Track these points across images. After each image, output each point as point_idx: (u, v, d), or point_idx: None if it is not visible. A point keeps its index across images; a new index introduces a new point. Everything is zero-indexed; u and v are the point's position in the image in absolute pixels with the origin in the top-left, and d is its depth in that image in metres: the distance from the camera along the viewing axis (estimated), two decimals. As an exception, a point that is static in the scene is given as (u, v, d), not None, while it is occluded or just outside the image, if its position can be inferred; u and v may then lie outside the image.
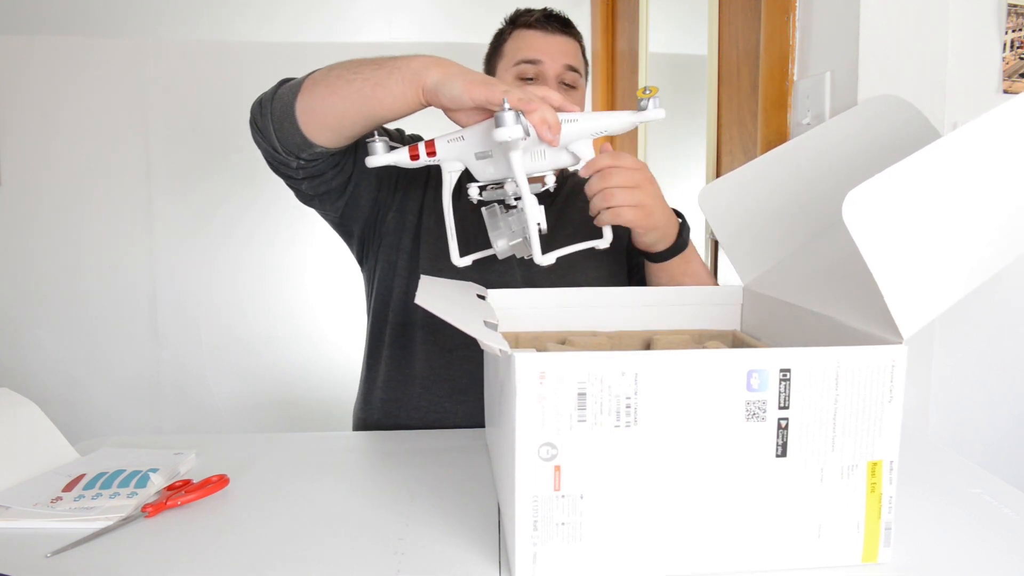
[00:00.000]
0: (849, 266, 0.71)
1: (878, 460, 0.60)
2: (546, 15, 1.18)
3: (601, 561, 0.59)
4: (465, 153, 0.88)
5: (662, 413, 0.58)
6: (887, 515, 0.61)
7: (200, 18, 2.55)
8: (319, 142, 0.96)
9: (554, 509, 0.58)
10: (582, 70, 1.19)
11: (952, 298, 0.62)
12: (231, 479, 0.82)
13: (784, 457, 0.59)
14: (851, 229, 0.58)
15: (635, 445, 0.58)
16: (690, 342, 0.91)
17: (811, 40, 1.13)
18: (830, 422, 0.59)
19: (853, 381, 0.59)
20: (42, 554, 0.66)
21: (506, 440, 0.63)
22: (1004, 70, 1.09)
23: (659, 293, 0.95)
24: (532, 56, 1.14)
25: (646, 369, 0.57)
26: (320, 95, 0.93)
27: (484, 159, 0.88)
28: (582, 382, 0.57)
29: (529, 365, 0.56)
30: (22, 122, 2.52)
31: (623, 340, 0.92)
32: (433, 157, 0.88)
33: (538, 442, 0.57)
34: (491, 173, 0.89)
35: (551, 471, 0.58)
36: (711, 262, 1.68)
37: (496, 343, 0.61)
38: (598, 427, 0.57)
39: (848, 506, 0.61)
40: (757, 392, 0.58)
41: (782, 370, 0.58)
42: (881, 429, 0.60)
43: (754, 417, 0.58)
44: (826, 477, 0.60)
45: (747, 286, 0.94)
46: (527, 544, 0.59)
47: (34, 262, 2.57)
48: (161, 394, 2.67)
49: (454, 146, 0.88)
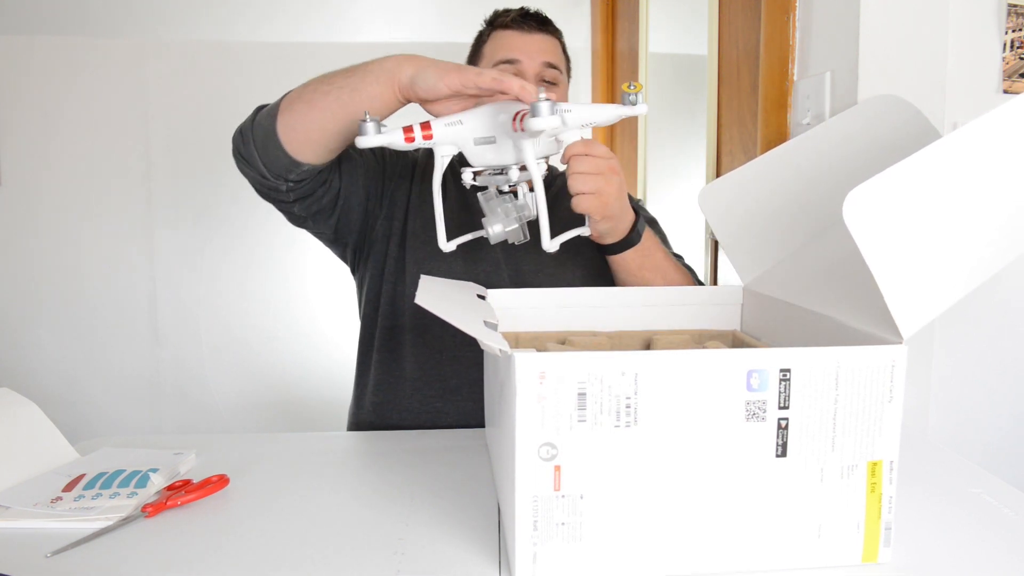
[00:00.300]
0: (849, 266, 0.71)
1: (878, 460, 0.60)
2: (522, 14, 1.17)
3: (601, 561, 0.59)
4: (462, 138, 0.88)
5: (662, 413, 0.58)
6: (887, 515, 0.61)
7: (200, 18, 2.55)
8: (306, 160, 0.97)
9: (554, 509, 0.58)
10: (563, 67, 1.18)
11: (952, 298, 0.62)
12: (231, 479, 0.82)
13: (784, 457, 0.59)
14: (851, 229, 0.58)
15: (635, 445, 0.58)
16: (690, 342, 0.91)
17: (811, 40, 1.13)
18: (830, 422, 0.59)
19: (853, 381, 0.59)
20: (42, 554, 0.66)
21: (506, 440, 0.63)
22: (1004, 70, 1.09)
23: (659, 293, 0.95)
24: (510, 56, 1.13)
25: (646, 369, 0.57)
26: (300, 112, 0.94)
27: (484, 144, 0.88)
28: (582, 382, 0.57)
29: (529, 365, 0.56)
30: (22, 122, 2.52)
31: (623, 340, 0.92)
32: (429, 140, 0.87)
33: (538, 442, 0.57)
34: (490, 159, 0.89)
35: (551, 471, 0.58)
36: (711, 262, 1.68)
37: (496, 343, 0.61)
38: (598, 427, 0.57)
39: (848, 506, 0.61)
40: (757, 392, 0.58)
41: (782, 370, 0.58)
42: (881, 429, 0.60)
43: (754, 417, 0.58)
44: (826, 477, 0.60)
45: (747, 286, 0.94)
46: (527, 544, 0.59)
47: (34, 262, 2.57)
48: (161, 394, 2.67)
49: (451, 130, 0.87)
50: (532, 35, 1.15)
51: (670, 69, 2.14)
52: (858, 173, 0.82)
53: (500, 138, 0.87)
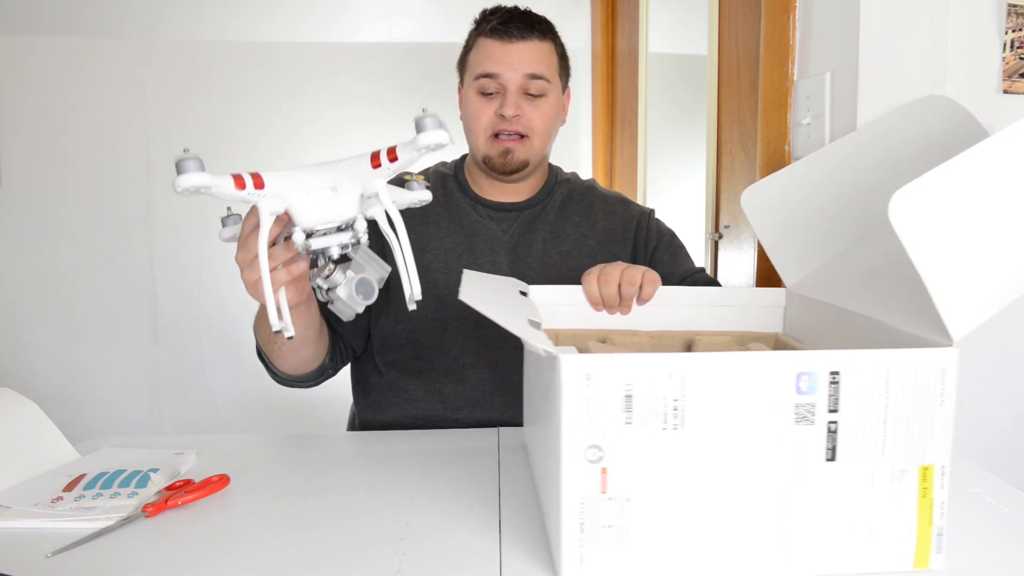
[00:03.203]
0: (896, 268, 0.70)
1: (929, 465, 0.59)
2: (505, 19, 1.08)
3: (648, 564, 0.59)
4: (298, 189, 0.73)
5: (710, 416, 0.57)
6: (939, 520, 0.60)
7: (200, 18, 2.55)
8: (316, 367, 1.06)
9: (601, 511, 0.58)
10: (551, 74, 1.10)
11: (1005, 299, 0.61)
12: (231, 479, 0.82)
13: (833, 461, 0.58)
14: (897, 230, 0.57)
15: (682, 448, 0.57)
16: (732, 344, 0.90)
17: (811, 40, 1.13)
18: (880, 426, 0.58)
19: (904, 384, 0.58)
20: (42, 554, 0.66)
21: (551, 441, 0.62)
22: (1004, 70, 1.09)
23: (701, 294, 0.94)
24: (489, 70, 1.07)
25: (693, 371, 0.56)
26: (282, 362, 1.02)
27: (324, 194, 0.73)
28: (628, 384, 0.56)
29: (575, 366, 0.55)
30: (22, 122, 2.52)
31: (664, 340, 0.91)
32: (261, 189, 0.72)
33: (584, 444, 0.57)
34: (330, 213, 0.74)
35: (598, 473, 0.57)
36: (711, 262, 1.68)
37: (540, 343, 0.60)
38: (645, 429, 0.57)
39: (899, 511, 0.60)
40: (806, 395, 0.57)
41: (831, 373, 0.57)
42: (932, 433, 0.59)
43: (803, 420, 0.58)
44: (877, 482, 0.59)
45: (790, 288, 0.93)
46: (574, 546, 0.58)
47: (34, 262, 2.57)
48: (161, 394, 2.67)
49: (285, 181, 0.73)
50: (514, 44, 1.07)
51: (670, 69, 2.14)
52: (902, 175, 0.80)
53: (343, 185, 0.74)
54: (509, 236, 1.14)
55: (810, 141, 1.10)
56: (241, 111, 2.53)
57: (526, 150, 1.11)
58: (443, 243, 1.13)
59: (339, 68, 2.52)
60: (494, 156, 1.11)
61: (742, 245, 1.51)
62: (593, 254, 1.15)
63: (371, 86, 2.54)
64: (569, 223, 1.17)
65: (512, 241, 1.14)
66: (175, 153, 0.71)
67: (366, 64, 2.54)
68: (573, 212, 1.18)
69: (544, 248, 1.14)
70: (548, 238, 1.15)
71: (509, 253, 1.13)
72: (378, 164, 0.74)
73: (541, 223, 1.16)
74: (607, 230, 1.17)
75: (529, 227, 1.15)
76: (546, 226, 1.16)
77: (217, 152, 2.55)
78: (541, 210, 1.17)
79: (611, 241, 1.16)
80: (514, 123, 1.09)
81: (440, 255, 1.12)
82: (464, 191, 1.17)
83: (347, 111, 2.53)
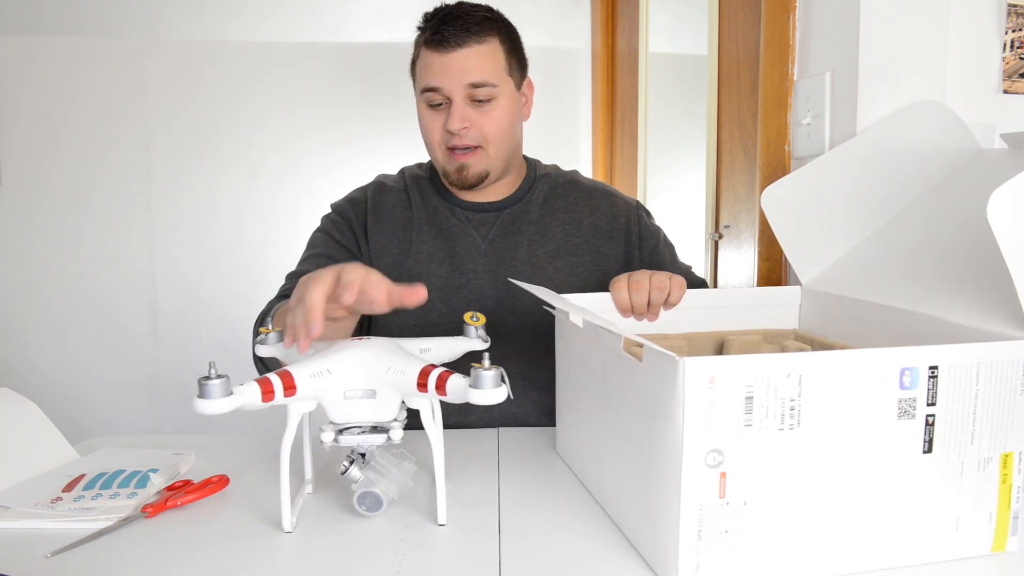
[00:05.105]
0: (925, 261, 0.76)
1: (1010, 452, 0.62)
2: (439, 26, 1.03)
3: (759, 566, 0.59)
4: (331, 391, 0.71)
5: (823, 414, 0.58)
6: (1016, 504, 0.63)
7: (200, 18, 2.55)
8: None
9: (718, 517, 0.58)
10: (496, 78, 1.05)
11: None
12: (231, 479, 0.82)
13: (930, 453, 0.60)
14: (994, 228, 0.60)
15: (797, 447, 0.58)
16: (762, 343, 0.92)
17: (811, 40, 1.12)
18: (970, 416, 0.61)
19: (992, 376, 0.61)
20: (42, 554, 0.66)
21: (659, 446, 0.60)
22: (1004, 70, 1.09)
23: (725, 295, 0.96)
24: (431, 84, 1.04)
25: (810, 370, 0.57)
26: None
27: (359, 399, 0.70)
28: (750, 385, 0.56)
29: (699, 370, 0.55)
30: (22, 122, 2.52)
31: (697, 342, 0.92)
32: (292, 396, 0.70)
33: (705, 449, 0.56)
34: (365, 415, 0.71)
35: (717, 478, 0.57)
36: (711, 262, 1.68)
37: (653, 344, 0.60)
38: (764, 431, 0.57)
39: (983, 498, 0.62)
40: (909, 390, 0.59)
41: (931, 367, 0.59)
42: (1013, 422, 0.62)
43: (905, 414, 0.59)
44: (966, 471, 0.61)
45: (807, 285, 0.96)
46: (691, 554, 0.58)
47: (34, 262, 2.57)
48: (161, 394, 2.67)
49: (317, 382, 0.70)
50: (452, 54, 1.02)
51: (670, 69, 2.14)
52: (903, 177, 0.90)
53: (383, 392, 0.70)
54: (490, 239, 1.13)
55: (810, 141, 1.10)
56: (241, 111, 2.53)
57: (481, 161, 1.08)
58: (424, 247, 1.12)
59: (339, 68, 2.52)
60: (451, 172, 1.09)
61: (742, 245, 1.51)
62: (581, 252, 1.14)
63: (371, 86, 2.54)
64: (554, 220, 1.15)
65: (494, 243, 1.13)
66: (200, 371, 0.63)
67: (366, 64, 2.54)
68: (558, 208, 1.16)
69: (530, 249, 1.13)
70: (534, 238, 1.13)
71: (493, 256, 1.12)
72: (425, 390, 0.68)
73: (524, 223, 1.14)
74: (593, 227, 1.15)
75: (511, 227, 1.14)
76: (530, 226, 1.14)
77: (217, 152, 2.55)
78: (523, 208, 1.15)
79: (598, 238, 1.15)
80: (464, 137, 1.05)
81: (423, 259, 1.11)
82: (441, 194, 1.16)
83: (347, 111, 2.53)
